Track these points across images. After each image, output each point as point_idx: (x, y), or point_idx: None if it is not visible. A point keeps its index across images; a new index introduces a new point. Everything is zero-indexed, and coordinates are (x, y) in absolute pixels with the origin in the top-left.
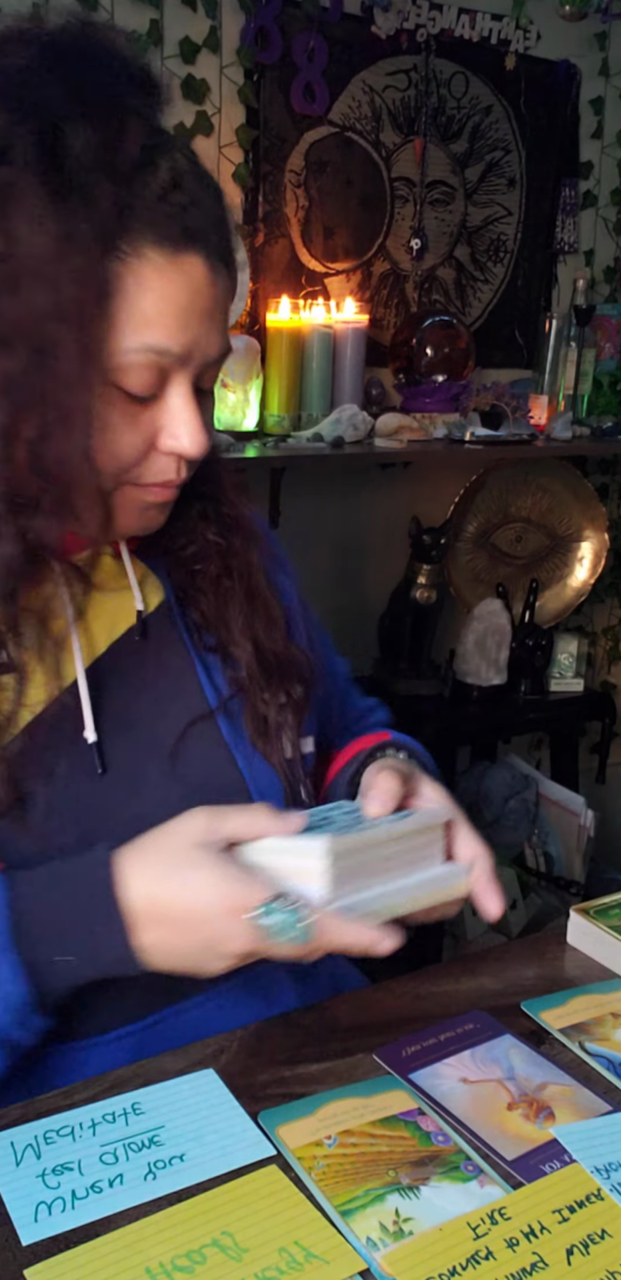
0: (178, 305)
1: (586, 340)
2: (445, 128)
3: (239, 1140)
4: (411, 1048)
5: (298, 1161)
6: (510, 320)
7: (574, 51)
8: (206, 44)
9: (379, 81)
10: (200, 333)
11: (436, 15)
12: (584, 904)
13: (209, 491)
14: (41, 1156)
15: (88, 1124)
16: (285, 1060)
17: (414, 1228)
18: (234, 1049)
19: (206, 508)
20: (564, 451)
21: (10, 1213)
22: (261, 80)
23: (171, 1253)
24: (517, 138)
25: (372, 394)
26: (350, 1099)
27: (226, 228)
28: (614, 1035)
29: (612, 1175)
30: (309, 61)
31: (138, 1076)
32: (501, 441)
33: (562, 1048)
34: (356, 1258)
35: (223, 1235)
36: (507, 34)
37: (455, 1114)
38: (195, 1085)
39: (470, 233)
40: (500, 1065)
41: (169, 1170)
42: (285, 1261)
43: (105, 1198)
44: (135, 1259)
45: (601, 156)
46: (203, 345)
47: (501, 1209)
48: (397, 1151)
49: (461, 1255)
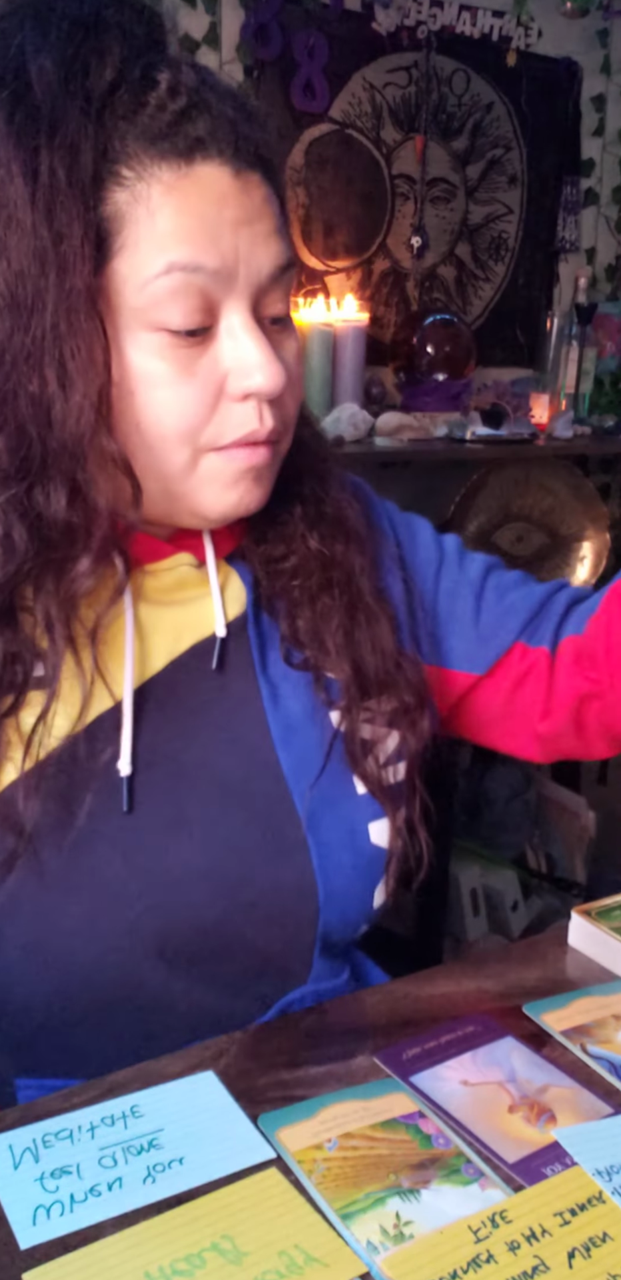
0: (200, 217)
1: (588, 339)
2: (446, 125)
3: (239, 1143)
4: (412, 1050)
5: (298, 1164)
6: (511, 319)
7: (575, 48)
8: (206, 40)
9: (379, 78)
10: (238, 245)
11: (437, 12)
12: (585, 905)
13: (311, 492)
14: (40, 1160)
15: (86, 1127)
16: (285, 1063)
17: (414, 1231)
18: (234, 1052)
19: (308, 510)
20: (565, 451)
21: (8, 1216)
22: (261, 77)
23: (171, 1256)
24: (519, 135)
25: (373, 393)
26: (350, 1102)
27: (255, 133)
28: (615, 1037)
29: (614, 1178)
30: (309, 58)
31: (137, 1079)
32: (502, 441)
33: (564, 1050)
34: (357, 1261)
35: (222, 1239)
36: (509, 31)
37: (456, 1117)
38: (195, 1088)
39: (471, 230)
40: (501, 1068)
41: (168, 1173)
42: (285, 1265)
43: (104, 1201)
44: (134, 1262)
45: (603, 154)
46: (246, 260)
47: (502, 1212)
48: (398, 1154)
49: (462, 1258)
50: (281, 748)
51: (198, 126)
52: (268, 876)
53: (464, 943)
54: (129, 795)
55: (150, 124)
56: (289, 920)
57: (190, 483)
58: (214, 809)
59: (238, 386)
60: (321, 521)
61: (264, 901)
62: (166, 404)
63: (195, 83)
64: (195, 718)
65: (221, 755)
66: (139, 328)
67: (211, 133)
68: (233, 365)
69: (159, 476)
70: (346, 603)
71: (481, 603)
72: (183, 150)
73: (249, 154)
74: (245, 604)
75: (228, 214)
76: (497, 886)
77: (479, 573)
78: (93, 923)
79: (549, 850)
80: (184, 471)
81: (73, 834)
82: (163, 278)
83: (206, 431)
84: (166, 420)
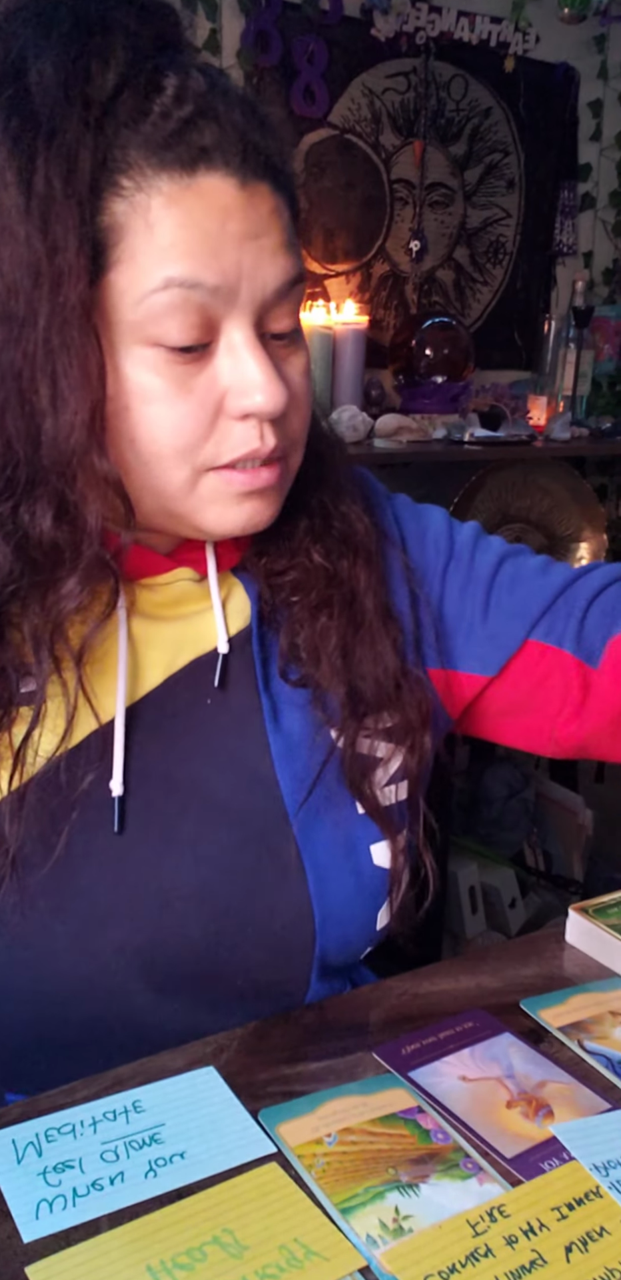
0: (202, 231)
1: (585, 342)
2: (444, 130)
3: (239, 1138)
4: (411, 1046)
5: (298, 1159)
6: (509, 322)
7: (573, 54)
8: (206, 46)
9: (378, 84)
10: (241, 260)
11: (436, 18)
12: (583, 903)
13: (318, 505)
14: (43, 1154)
15: (89, 1122)
16: (285, 1058)
17: (413, 1225)
18: (234, 1047)
19: (314, 523)
20: (563, 452)
21: (11, 1210)
22: (261, 83)
23: (172, 1250)
24: (516, 140)
25: (372, 395)
26: (350, 1097)
27: (266, 141)
28: (612, 1033)
29: (611, 1173)
30: (309, 64)
31: (138, 1075)
32: (500, 442)
33: (561, 1046)
34: (356, 1255)
35: (223, 1233)
36: (507, 36)
37: (454, 1112)
38: (195, 1083)
39: (469, 234)
40: (499, 1063)
41: (169, 1168)
42: (285, 1259)
43: (106, 1195)
44: (136, 1256)
45: (600, 159)
46: (250, 275)
47: (500, 1206)
48: (397, 1149)
49: (460, 1252)
50: (281, 766)
51: (203, 135)
52: (261, 898)
53: (462, 940)
54: (120, 815)
55: (153, 132)
56: (284, 944)
57: (190, 502)
58: (207, 829)
59: (237, 405)
60: (327, 535)
61: (257, 924)
62: (161, 421)
63: (203, 88)
64: (192, 735)
65: (218, 773)
66: (135, 342)
67: (217, 142)
68: (232, 384)
69: (157, 494)
70: (347, 620)
71: (491, 599)
72: (186, 161)
73: (257, 164)
74: (249, 617)
75: (231, 228)
76: (496, 884)
77: (491, 566)
78: (81, 944)
79: (546, 848)
80: (183, 490)
81: (61, 853)
82: (160, 293)
83: (204, 450)
84: (161, 437)
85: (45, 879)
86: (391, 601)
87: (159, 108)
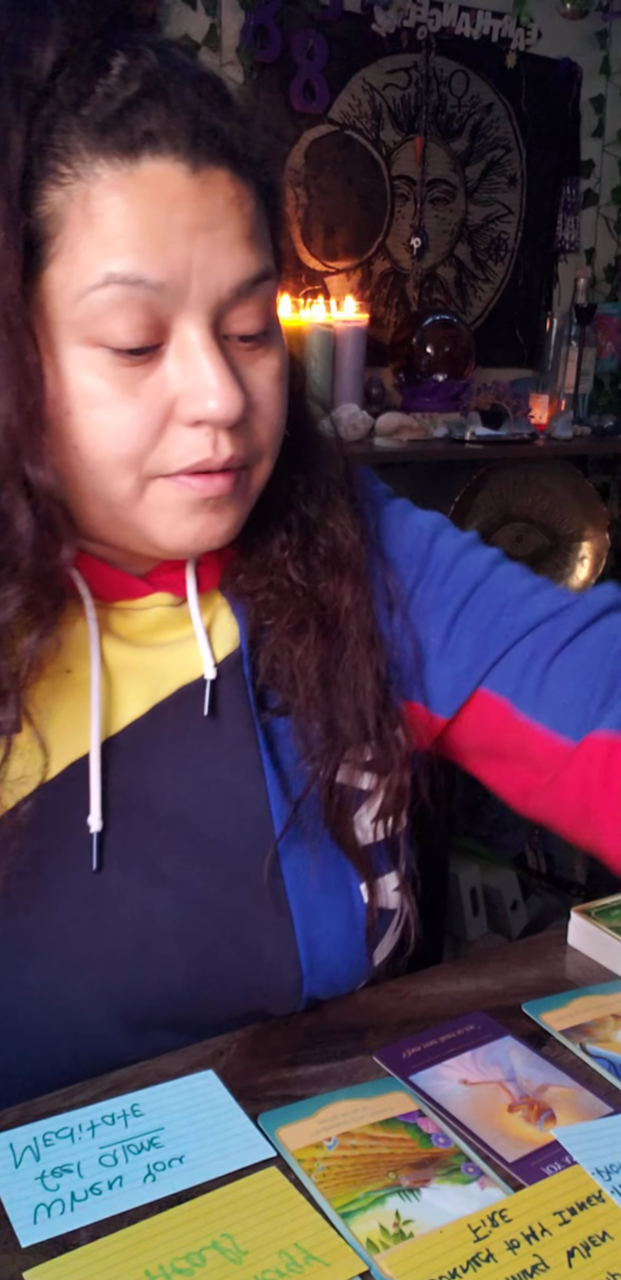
0: (146, 223)
1: (587, 339)
2: (445, 126)
3: (239, 1142)
4: (411, 1049)
5: (298, 1163)
6: (511, 319)
7: (575, 50)
8: (206, 42)
9: (379, 79)
10: (192, 255)
11: (437, 13)
12: (585, 905)
13: (299, 520)
14: (41, 1158)
15: (87, 1126)
16: (285, 1062)
17: (414, 1230)
18: (233, 1051)
19: (293, 540)
20: (564, 451)
21: (9, 1215)
22: (261, 78)
23: (171, 1255)
24: (518, 136)
25: (373, 393)
26: (350, 1101)
27: (228, 125)
28: (615, 1037)
29: (613, 1177)
30: (308, 59)
31: (137, 1078)
32: (502, 441)
33: (563, 1049)
34: (356, 1260)
35: (222, 1237)
36: (508, 32)
37: (455, 1116)
38: (195, 1087)
39: (470, 231)
40: (501, 1067)
41: (168, 1172)
42: (285, 1264)
43: (105, 1200)
44: (135, 1261)
45: (602, 155)
46: (202, 271)
47: (502, 1211)
48: (398, 1153)
49: (462, 1257)
50: (276, 799)
51: (149, 117)
52: (246, 940)
53: (463, 942)
54: (98, 852)
55: (95, 114)
56: (269, 987)
57: (138, 511)
58: (192, 865)
59: (187, 412)
60: (309, 553)
61: (241, 967)
62: (105, 426)
63: (153, 66)
64: (179, 767)
65: (206, 807)
66: (77, 343)
67: (164, 125)
68: (183, 388)
69: (103, 503)
70: (328, 645)
71: (453, 629)
72: (127, 145)
73: (212, 148)
74: (238, 640)
75: (180, 219)
76: (497, 886)
77: (464, 588)
78: (57, 986)
79: (548, 850)
80: (129, 499)
81: (39, 892)
82: (101, 290)
83: (151, 458)
84: (105, 444)
85: (22, 920)
86: (380, 624)
87: (102, 89)
